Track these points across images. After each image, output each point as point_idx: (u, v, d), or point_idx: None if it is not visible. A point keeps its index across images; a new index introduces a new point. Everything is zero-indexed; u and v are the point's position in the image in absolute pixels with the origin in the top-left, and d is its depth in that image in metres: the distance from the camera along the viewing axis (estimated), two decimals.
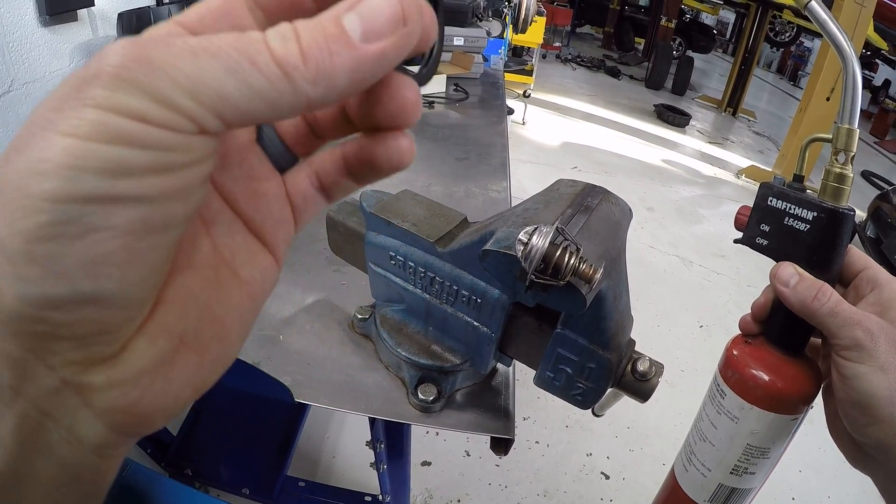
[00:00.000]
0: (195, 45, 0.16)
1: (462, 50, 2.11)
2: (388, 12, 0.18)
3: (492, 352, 0.62)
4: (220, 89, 0.16)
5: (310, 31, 0.17)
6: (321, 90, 0.17)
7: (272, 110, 0.17)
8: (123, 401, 0.18)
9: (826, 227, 0.45)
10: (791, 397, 0.47)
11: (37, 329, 0.16)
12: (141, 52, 0.15)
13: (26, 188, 0.15)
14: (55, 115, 0.15)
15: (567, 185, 0.61)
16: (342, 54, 0.17)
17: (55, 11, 0.95)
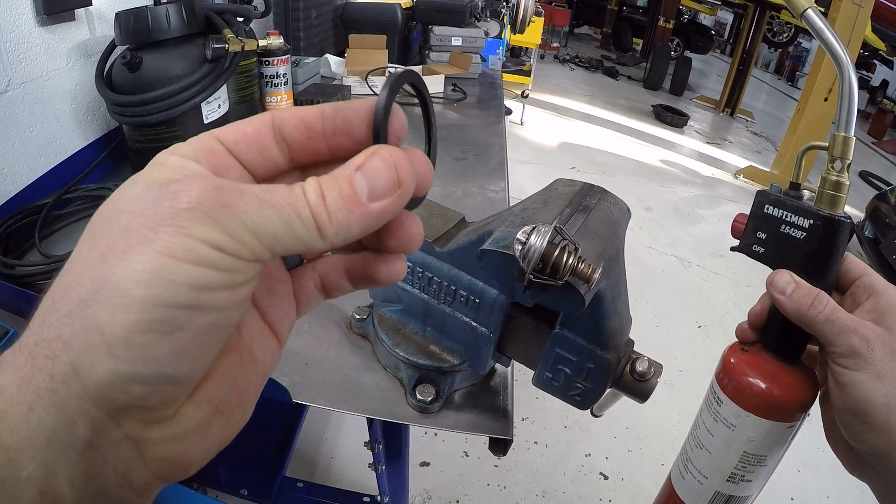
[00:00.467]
0: (261, 196, 0.21)
1: (460, 50, 2.11)
2: (387, 178, 0.23)
3: (490, 352, 0.61)
4: (275, 233, 0.21)
5: (332, 192, 0.22)
6: (341, 238, 0.23)
7: (305, 248, 0.23)
8: (171, 454, 0.22)
9: (822, 235, 0.45)
10: (788, 405, 0.46)
11: (117, 397, 0.20)
12: (223, 197, 0.21)
13: (129, 290, 0.19)
14: (153, 234, 0.20)
15: (565, 184, 0.60)
16: (355, 212, 0.23)
17: (52, 11, 0.94)
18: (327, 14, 2.02)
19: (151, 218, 0.20)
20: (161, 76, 0.95)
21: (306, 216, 0.22)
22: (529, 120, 5.50)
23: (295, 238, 0.22)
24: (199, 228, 0.20)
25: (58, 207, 0.93)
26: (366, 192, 0.23)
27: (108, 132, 1.14)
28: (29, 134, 0.94)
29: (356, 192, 0.23)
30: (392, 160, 0.24)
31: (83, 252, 0.21)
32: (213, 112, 1.05)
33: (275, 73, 1.40)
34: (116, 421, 0.20)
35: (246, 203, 0.21)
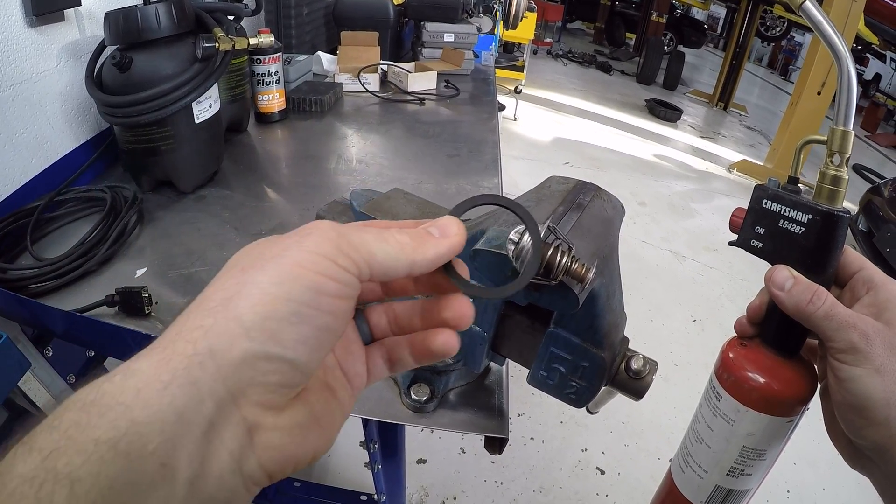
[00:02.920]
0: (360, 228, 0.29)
1: (452, 46, 2.11)
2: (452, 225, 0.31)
3: (484, 351, 0.61)
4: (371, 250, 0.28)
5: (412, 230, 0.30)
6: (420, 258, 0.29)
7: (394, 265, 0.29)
8: (278, 442, 0.26)
9: (821, 229, 0.45)
10: (787, 399, 0.46)
11: (246, 374, 0.24)
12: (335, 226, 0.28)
13: (267, 289, 0.25)
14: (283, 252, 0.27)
15: (558, 182, 0.60)
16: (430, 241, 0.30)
17: (41, 12, 0.93)
18: (319, 11, 2.01)
19: (282, 245, 0.27)
20: (151, 76, 0.94)
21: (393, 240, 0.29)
22: (523, 115, 5.49)
23: (386, 254, 0.28)
24: (318, 246, 0.27)
25: (49, 210, 0.92)
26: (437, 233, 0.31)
27: (100, 133, 1.13)
28: (19, 136, 0.94)
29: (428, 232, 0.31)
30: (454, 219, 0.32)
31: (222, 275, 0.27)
32: (204, 112, 1.05)
33: (266, 72, 1.40)
34: (237, 401, 0.24)
35: (350, 231, 0.28)
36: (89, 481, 0.21)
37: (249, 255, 0.27)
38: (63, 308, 0.75)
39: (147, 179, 1.06)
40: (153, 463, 0.22)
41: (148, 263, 0.87)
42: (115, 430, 0.21)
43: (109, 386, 0.23)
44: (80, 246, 0.83)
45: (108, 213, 0.89)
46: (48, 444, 0.21)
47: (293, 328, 0.25)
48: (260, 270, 0.26)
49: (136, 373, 0.23)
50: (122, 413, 0.22)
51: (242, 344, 0.24)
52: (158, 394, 0.22)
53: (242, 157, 1.29)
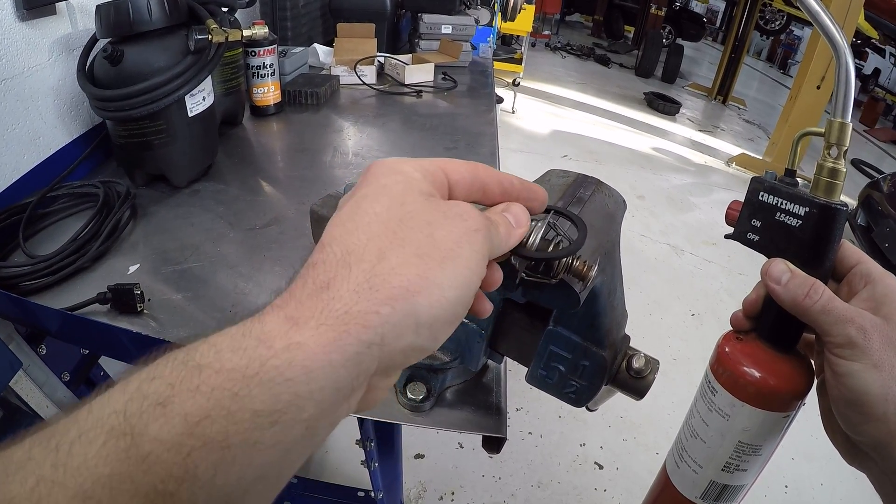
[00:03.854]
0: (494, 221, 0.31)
1: (450, 38, 2.09)
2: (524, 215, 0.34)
3: (482, 349, 0.60)
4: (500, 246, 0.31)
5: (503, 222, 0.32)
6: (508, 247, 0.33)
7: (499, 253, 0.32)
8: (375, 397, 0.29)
9: (818, 222, 0.44)
10: (783, 395, 0.46)
11: (399, 360, 0.27)
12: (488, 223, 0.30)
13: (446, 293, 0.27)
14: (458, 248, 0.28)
15: (558, 175, 0.59)
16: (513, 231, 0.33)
17: (32, 5, 0.92)
18: (315, 3, 1.99)
19: (453, 233, 0.28)
20: (143, 69, 0.93)
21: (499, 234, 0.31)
22: (521, 108, 5.48)
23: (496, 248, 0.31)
24: (483, 247, 0.29)
25: (42, 206, 0.91)
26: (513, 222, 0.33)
27: (93, 128, 1.12)
28: (11, 132, 0.92)
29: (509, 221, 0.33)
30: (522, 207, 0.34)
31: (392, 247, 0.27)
32: (197, 105, 1.03)
33: (261, 64, 1.38)
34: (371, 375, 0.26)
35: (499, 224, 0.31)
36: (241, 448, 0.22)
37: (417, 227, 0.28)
38: (56, 306, 0.74)
39: (140, 174, 1.05)
40: (302, 427, 0.23)
41: (141, 259, 0.86)
42: (277, 401, 0.22)
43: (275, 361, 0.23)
44: (72, 242, 0.82)
45: (101, 208, 0.88)
46: (195, 410, 0.21)
47: (449, 328, 0.28)
48: (440, 266, 0.27)
49: (302, 349, 0.24)
50: (288, 388, 0.23)
51: (410, 338, 0.26)
52: (325, 372, 0.24)
53: (237, 151, 1.27)
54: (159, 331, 0.74)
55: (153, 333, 0.73)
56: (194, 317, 0.77)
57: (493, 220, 0.32)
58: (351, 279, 0.26)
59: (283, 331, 0.24)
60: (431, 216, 0.28)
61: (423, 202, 0.29)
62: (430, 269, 0.26)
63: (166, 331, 0.74)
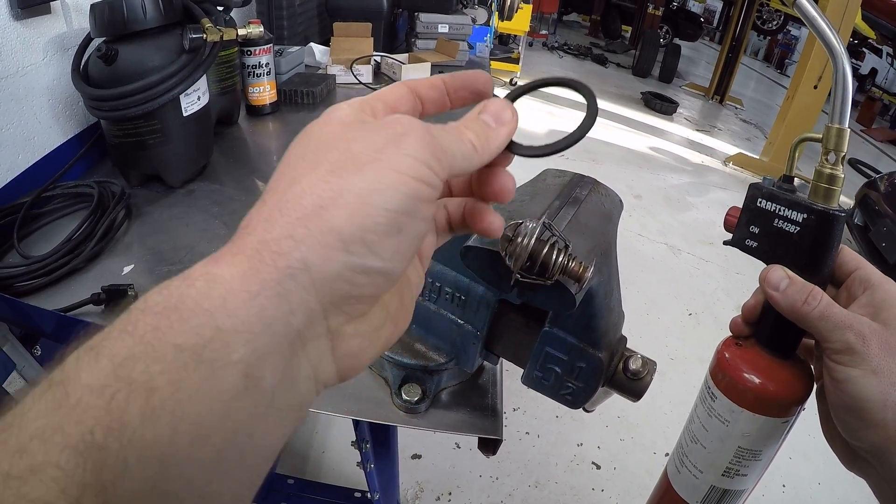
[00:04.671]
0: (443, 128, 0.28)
1: (447, 38, 2.09)
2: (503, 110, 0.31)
3: (477, 350, 0.60)
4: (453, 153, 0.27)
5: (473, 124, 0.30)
6: (486, 156, 0.30)
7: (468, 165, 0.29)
8: (357, 348, 0.27)
9: (816, 229, 0.44)
10: (782, 400, 0.46)
11: (341, 288, 0.24)
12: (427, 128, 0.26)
13: (368, 198, 0.24)
14: (379, 154, 0.25)
15: (554, 175, 0.59)
16: (492, 135, 0.30)
17: (27, 4, 0.91)
18: (311, 2, 1.99)
19: (374, 142, 0.25)
20: (138, 68, 0.92)
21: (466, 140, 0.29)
22: (517, 108, 5.46)
23: (463, 157, 0.28)
24: (416, 150, 0.25)
25: (36, 206, 0.90)
26: (493, 121, 0.30)
27: (87, 127, 1.11)
28: (5, 132, 0.92)
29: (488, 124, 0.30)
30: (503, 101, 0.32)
31: (305, 172, 0.25)
32: (192, 104, 1.03)
33: (257, 63, 1.38)
34: (326, 313, 0.24)
35: (437, 132, 0.27)
36: (168, 391, 0.20)
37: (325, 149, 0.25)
38: (50, 307, 0.74)
39: (135, 174, 1.04)
40: (236, 373, 0.21)
41: (136, 259, 0.86)
42: (198, 336, 0.21)
43: (192, 291, 0.22)
44: (67, 243, 0.81)
45: (96, 208, 0.87)
46: (121, 349, 0.20)
47: (392, 240, 0.25)
48: (356, 175, 0.24)
49: (219, 280, 0.22)
50: (208, 320, 0.21)
51: (340, 257, 0.23)
52: (246, 304, 0.22)
53: (233, 151, 1.27)
54: None
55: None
56: None
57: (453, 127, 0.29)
58: (263, 211, 0.24)
59: (203, 268, 0.23)
60: (352, 134, 0.26)
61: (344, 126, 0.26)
62: (343, 180, 0.24)
63: None
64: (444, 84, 0.32)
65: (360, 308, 0.26)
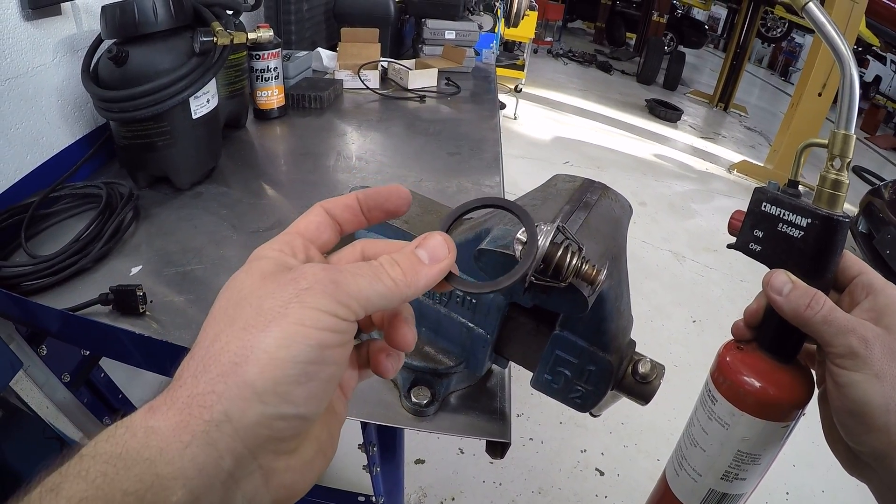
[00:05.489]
0: (354, 271, 0.29)
1: (453, 44, 2.09)
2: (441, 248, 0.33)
3: (487, 354, 0.60)
4: (367, 295, 0.29)
5: (404, 260, 0.31)
6: (412, 291, 0.31)
7: (388, 304, 0.30)
8: (290, 481, 0.29)
9: (820, 234, 0.44)
10: (783, 405, 0.46)
11: (262, 432, 0.26)
12: (330, 276, 0.28)
13: (275, 353, 0.26)
14: (284, 310, 0.27)
15: (564, 180, 0.59)
16: (422, 272, 0.31)
17: (38, 6, 0.92)
18: (319, 7, 1.99)
19: (281, 298, 0.27)
20: (148, 70, 0.92)
21: (387, 279, 0.30)
22: (523, 114, 5.48)
23: (381, 297, 0.29)
24: (318, 301, 0.27)
25: (44, 206, 0.91)
26: (427, 258, 0.32)
27: (96, 129, 1.12)
28: (14, 131, 0.92)
29: (420, 260, 0.32)
30: (441, 238, 0.33)
31: (224, 328, 0.27)
32: (201, 107, 1.03)
33: (265, 67, 1.38)
34: (255, 454, 0.26)
35: (345, 278, 0.29)
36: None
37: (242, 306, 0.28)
38: (57, 306, 0.74)
39: (143, 176, 1.04)
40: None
41: (143, 261, 0.86)
42: (141, 482, 0.23)
43: (133, 442, 0.24)
44: (74, 243, 0.81)
45: (104, 209, 0.88)
46: (76, 492, 0.23)
47: (302, 388, 0.26)
48: (263, 332, 0.26)
49: (156, 432, 0.25)
50: (148, 468, 0.24)
51: (256, 408, 0.25)
52: (180, 453, 0.24)
53: (240, 154, 1.27)
54: (161, 332, 0.73)
55: (155, 335, 0.72)
56: (196, 319, 0.76)
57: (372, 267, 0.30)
58: (191, 366, 0.27)
59: (142, 418, 0.25)
60: (264, 290, 0.28)
61: (261, 280, 0.29)
62: (253, 337, 0.26)
63: (168, 333, 0.73)
64: (359, 203, 0.35)
65: (286, 446, 0.28)
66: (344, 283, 0.28)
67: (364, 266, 0.30)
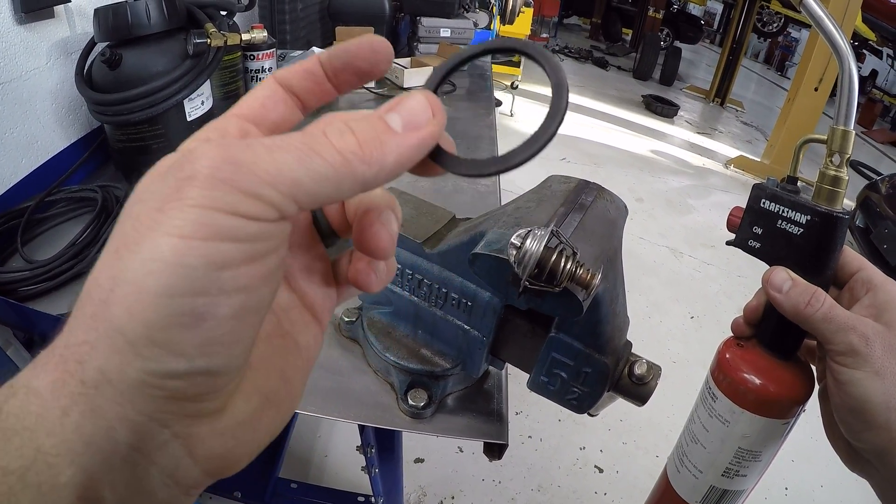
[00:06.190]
0: (270, 144, 0.19)
1: (449, 42, 2.09)
2: (421, 109, 0.22)
3: (483, 356, 0.60)
4: (295, 178, 0.19)
5: (362, 126, 0.21)
6: (374, 171, 0.21)
7: (336, 191, 0.20)
8: (222, 448, 0.22)
9: (820, 231, 0.44)
10: (782, 402, 0.46)
11: (155, 394, 0.19)
12: (228, 154, 0.19)
13: (142, 284, 0.18)
14: (159, 215, 0.18)
15: (560, 181, 0.59)
16: (390, 142, 0.21)
17: (30, 9, 0.92)
18: (313, 6, 1.99)
19: (158, 197, 0.18)
20: (142, 73, 0.92)
21: (329, 151, 0.20)
22: (519, 111, 5.47)
23: (321, 178, 0.20)
24: (207, 195, 0.18)
25: (40, 210, 0.91)
26: (400, 124, 0.22)
27: (91, 132, 1.12)
28: (9, 135, 0.92)
29: (389, 125, 0.22)
30: (424, 96, 0.23)
31: (104, 251, 0.19)
32: (196, 109, 1.03)
33: (260, 68, 1.38)
34: (162, 422, 0.20)
35: (255, 155, 0.19)
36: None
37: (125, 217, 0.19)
38: (54, 312, 0.74)
39: (139, 179, 1.03)
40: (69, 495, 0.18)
41: None
42: (21, 458, 0.18)
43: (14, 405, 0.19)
44: (71, 247, 0.81)
45: (100, 213, 0.87)
46: None
47: (191, 332, 0.18)
48: (133, 253, 0.18)
49: (36, 393, 0.19)
50: (28, 440, 0.18)
51: (135, 364, 0.18)
52: (60, 421, 0.18)
53: None
54: None
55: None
56: None
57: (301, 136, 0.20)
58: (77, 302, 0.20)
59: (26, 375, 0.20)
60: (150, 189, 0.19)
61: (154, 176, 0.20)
62: (121, 263, 0.18)
63: None
64: (322, 66, 0.25)
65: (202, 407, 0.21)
66: (251, 164, 0.19)
67: (292, 137, 0.20)
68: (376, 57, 0.24)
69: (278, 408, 0.24)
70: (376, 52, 0.24)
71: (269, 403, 0.24)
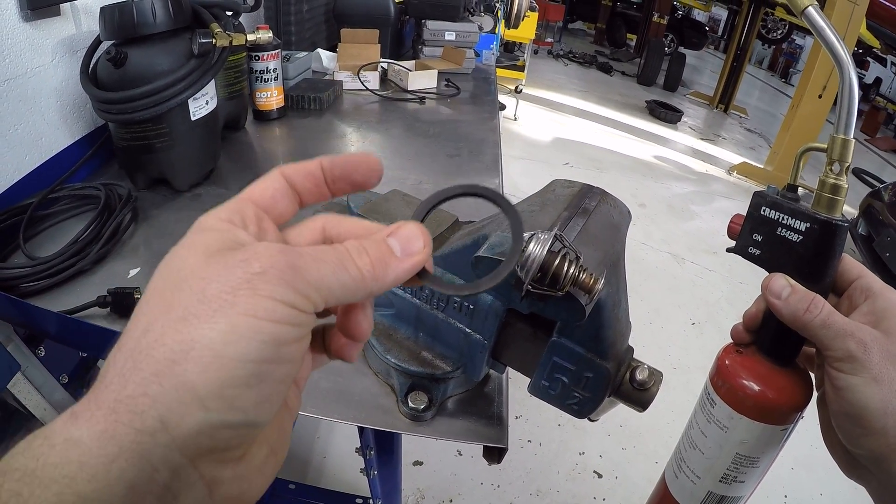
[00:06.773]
0: (315, 256, 0.25)
1: (453, 45, 2.09)
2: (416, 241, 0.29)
3: (484, 359, 0.60)
4: (329, 285, 0.25)
5: (373, 249, 0.27)
6: (378, 286, 0.27)
7: (352, 297, 0.27)
8: (237, 490, 0.25)
9: (819, 238, 0.44)
10: (781, 408, 0.46)
11: (202, 443, 0.22)
12: (289, 260, 0.24)
13: (220, 350, 0.22)
14: (232, 297, 0.23)
15: (563, 185, 0.59)
16: (392, 265, 0.27)
17: (37, 6, 0.92)
18: (319, 8, 1.99)
19: (228, 283, 0.23)
20: (147, 72, 0.92)
21: (353, 268, 0.26)
22: (523, 115, 5.48)
23: (345, 288, 0.26)
24: (273, 289, 0.23)
25: (43, 207, 0.91)
26: (399, 249, 0.28)
27: (95, 130, 1.12)
28: (13, 132, 0.92)
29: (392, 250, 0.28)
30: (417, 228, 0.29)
31: (158, 316, 0.23)
32: (200, 109, 1.03)
33: (265, 69, 1.38)
34: (195, 464, 0.23)
35: (306, 263, 0.25)
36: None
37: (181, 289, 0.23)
38: (55, 308, 0.74)
39: (142, 177, 1.04)
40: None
41: (142, 263, 0.86)
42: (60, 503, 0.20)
43: (52, 455, 0.21)
44: (73, 244, 0.81)
45: (102, 211, 0.87)
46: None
47: (252, 391, 0.23)
48: (207, 324, 0.22)
49: (77, 443, 0.21)
50: (68, 485, 0.20)
51: (198, 415, 0.22)
52: (105, 467, 0.20)
53: (240, 156, 1.27)
54: None
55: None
56: None
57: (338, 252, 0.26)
58: (118, 361, 0.23)
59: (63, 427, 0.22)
60: (208, 272, 0.23)
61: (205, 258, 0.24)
62: (195, 329, 0.22)
63: None
64: (324, 172, 0.30)
65: (232, 454, 0.24)
66: (304, 270, 0.24)
67: (328, 251, 0.26)
68: (371, 174, 0.30)
69: (277, 455, 0.28)
70: (372, 169, 0.30)
71: (272, 453, 0.28)
